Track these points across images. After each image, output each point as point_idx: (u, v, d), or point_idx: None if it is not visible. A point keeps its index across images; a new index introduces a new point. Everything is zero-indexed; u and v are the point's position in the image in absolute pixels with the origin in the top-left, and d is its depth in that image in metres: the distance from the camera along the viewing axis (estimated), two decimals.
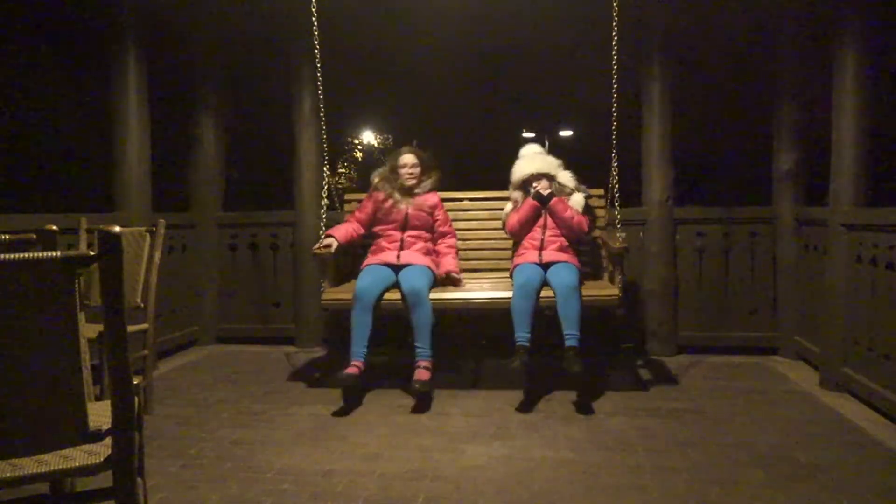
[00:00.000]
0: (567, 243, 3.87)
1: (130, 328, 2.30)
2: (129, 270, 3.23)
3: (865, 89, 3.59)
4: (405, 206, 3.95)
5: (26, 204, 5.02)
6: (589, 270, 4.03)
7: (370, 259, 3.92)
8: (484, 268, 4.21)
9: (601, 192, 4.08)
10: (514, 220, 3.97)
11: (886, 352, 3.23)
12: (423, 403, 3.48)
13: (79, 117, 6.31)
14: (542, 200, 3.90)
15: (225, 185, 5.25)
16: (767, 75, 4.61)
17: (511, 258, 4.04)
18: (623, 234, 3.72)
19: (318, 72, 4.00)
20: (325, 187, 4.09)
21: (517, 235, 3.98)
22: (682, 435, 3.05)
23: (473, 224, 4.29)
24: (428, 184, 4.05)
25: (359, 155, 13.10)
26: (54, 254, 1.32)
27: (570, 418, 3.29)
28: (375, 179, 4.07)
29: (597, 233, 4.04)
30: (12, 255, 1.29)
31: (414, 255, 3.85)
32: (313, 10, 3.82)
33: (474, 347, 4.58)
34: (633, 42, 4.47)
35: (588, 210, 3.99)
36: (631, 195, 4.67)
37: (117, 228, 1.38)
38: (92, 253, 1.36)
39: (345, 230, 3.91)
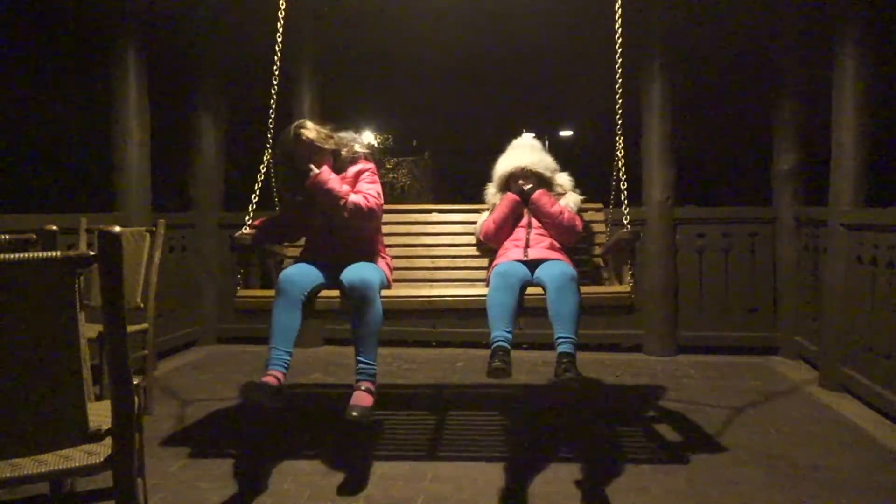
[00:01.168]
0: (557, 244, 3.16)
1: (130, 328, 2.30)
2: (129, 270, 3.23)
3: (865, 89, 3.59)
4: (305, 202, 3.02)
5: (26, 204, 5.02)
6: (586, 270, 3.30)
7: (300, 257, 3.12)
8: (452, 278, 3.40)
9: (600, 205, 3.48)
10: (489, 221, 3.26)
11: (886, 352, 3.23)
12: (360, 431, 2.92)
13: (79, 117, 6.30)
14: (523, 195, 3.24)
15: (225, 185, 5.25)
16: (768, 75, 4.61)
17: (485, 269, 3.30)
18: (638, 229, 3.49)
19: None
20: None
21: (494, 240, 3.25)
22: (682, 435, 3.05)
23: (444, 240, 3.50)
24: (331, 164, 2.98)
25: None
26: (54, 254, 1.32)
27: (569, 418, 3.29)
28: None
29: (598, 259, 3.36)
30: (12, 255, 1.29)
31: (356, 256, 2.91)
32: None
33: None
34: (633, 42, 4.46)
35: (581, 216, 3.31)
36: (631, 195, 4.68)
37: (117, 228, 1.38)
38: (92, 253, 1.36)
39: (269, 219, 3.21)
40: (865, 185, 3.63)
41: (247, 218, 3.08)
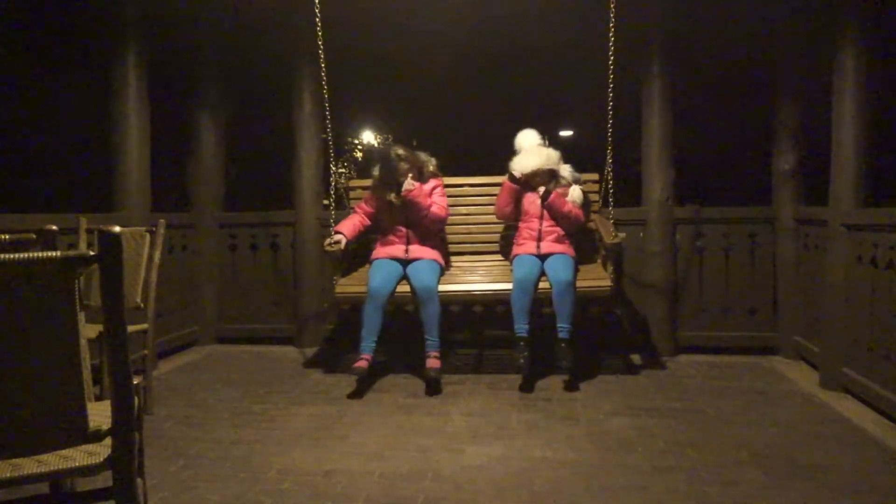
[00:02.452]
0: (564, 233, 4.02)
1: (130, 328, 2.30)
2: (129, 270, 3.23)
3: (865, 89, 3.59)
4: (400, 204, 4.03)
5: (26, 204, 5.02)
6: (584, 257, 4.19)
7: (379, 251, 4.09)
8: (483, 251, 4.49)
9: (595, 176, 4.31)
10: (498, 204, 4.18)
11: (886, 352, 3.23)
12: (433, 388, 3.72)
13: (79, 117, 6.30)
14: (543, 198, 4.06)
15: (225, 185, 5.25)
16: (767, 75, 4.61)
17: (508, 243, 4.29)
18: (623, 235, 3.78)
19: (323, 73, 3.98)
20: (333, 184, 4.27)
21: (506, 217, 4.20)
22: (682, 435, 3.05)
23: (473, 210, 4.50)
24: (416, 177, 4.06)
25: (359, 155, 13.11)
26: (54, 254, 1.32)
27: (570, 418, 3.29)
28: (372, 181, 4.22)
29: (591, 224, 4.22)
30: (12, 255, 1.29)
31: (422, 250, 4.00)
32: (316, 10, 3.80)
33: (475, 341, 4.69)
34: (632, 42, 4.47)
35: (585, 202, 4.12)
36: (631, 195, 4.69)
37: (117, 228, 1.38)
38: (92, 253, 1.36)
39: (352, 225, 4.09)
40: (865, 185, 3.63)
41: (332, 231, 3.97)
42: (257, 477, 2.63)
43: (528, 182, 4.10)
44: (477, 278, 4.06)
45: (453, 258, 4.41)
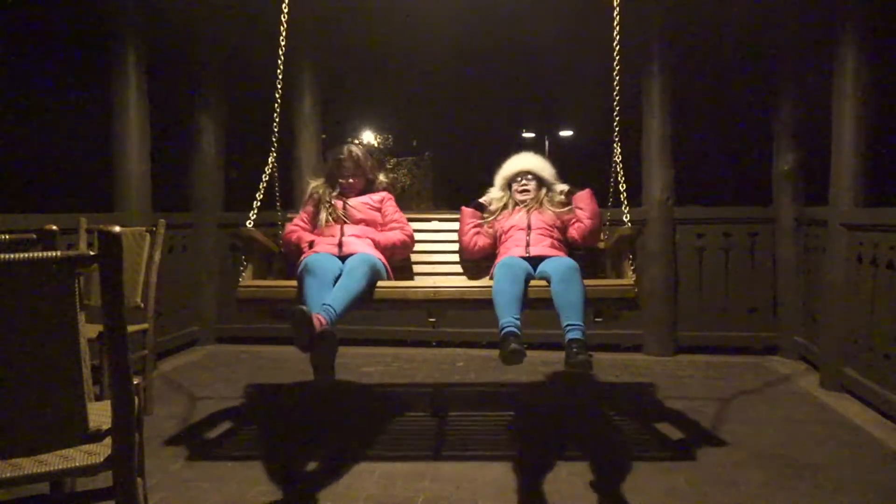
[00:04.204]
0: (558, 242, 3.18)
1: (130, 328, 2.30)
2: (129, 270, 3.23)
3: (865, 89, 3.59)
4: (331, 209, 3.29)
5: (26, 204, 5.02)
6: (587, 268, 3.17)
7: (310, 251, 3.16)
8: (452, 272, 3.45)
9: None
10: (460, 235, 3.31)
11: (886, 352, 3.23)
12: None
13: (79, 117, 6.31)
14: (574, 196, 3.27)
15: (225, 185, 5.25)
16: (767, 75, 4.61)
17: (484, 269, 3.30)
18: (638, 227, 3.51)
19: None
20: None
21: (474, 250, 3.28)
22: (682, 435, 3.04)
23: (446, 247, 3.46)
24: (361, 182, 3.37)
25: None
26: (54, 254, 1.32)
27: (569, 418, 3.29)
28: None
29: (601, 245, 3.36)
30: (12, 255, 1.29)
31: (360, 246, 3.11)
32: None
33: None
34: (633, 42, 4.47)
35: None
36: (631, 195, 4.68)
37: (117, 228, 1.38)
38: (92, 253, 1.36)
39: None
40: (865, 185, 3.63)
41: (251, 213, 3.17)
42: (257, 477, 2.63)
43: (513, 191, 3.38)
44: (446, 277, 3.28)
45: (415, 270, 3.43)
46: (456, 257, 3.41)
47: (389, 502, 2.40)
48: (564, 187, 3.37)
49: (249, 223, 3.11)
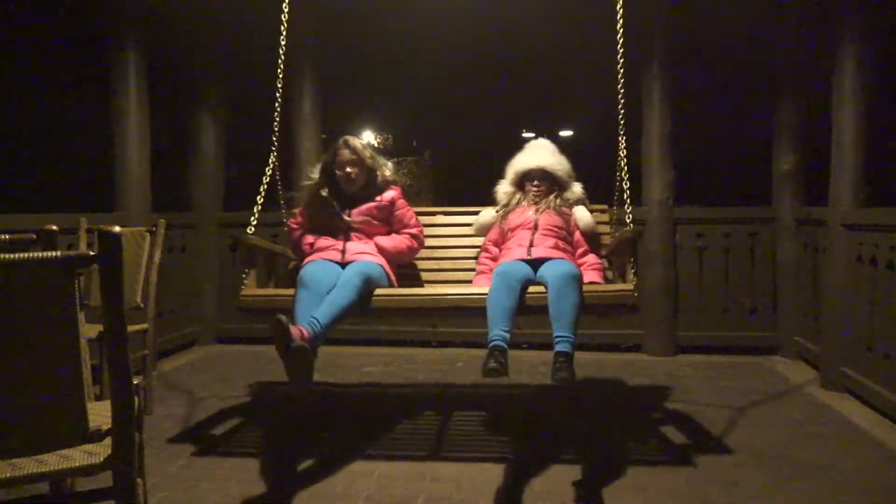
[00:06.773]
0: (563, 243, 3.15)
1: (130, 328, 2.30)
2: (129, 270, 3.23)
3: (865, 89, 3.59)
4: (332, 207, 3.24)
5: (26, 204, 5.02)
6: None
7: (311, 257, 3.16)
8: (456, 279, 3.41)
9: (603, 207, 3.45)
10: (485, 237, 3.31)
11: (886, 352, 3.23)
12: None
13: (79, 117, 6.31)
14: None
15: (225, 185, 5.25)
16: (767, 75, 4.61)
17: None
18: (640, 228, 3.44)
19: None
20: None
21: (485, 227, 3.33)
22: (682, 435, 3.04)
23: (449, 241, 3.51)
24: (362, 179, 3.25)
25: None
26: (54, 254, 1.32)
27: (569, 418, 3.29)
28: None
29: (603, 252, 3.32)
30: (12, 255, 1.29)
31: (363, 253, 3.09)
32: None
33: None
34: (633, 42, 4.46)
35: (592, 231, 3.28)
36: (631, 195, 4.68)
37: (117, 228, 1.38)
38: (92, 253, 1.36)
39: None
40: (865, 185, 3.63)
41: (252, 219, 3.13)
42: (257, 477, 2.63)
43: (524, 190, 3.36)
44: (446, 285, 3.25)
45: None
46: (458, 253, 3.45)
47: (389, 502, 2.40)
48: (579, 190, 3.35)
49: (250, 229, 3.09)
